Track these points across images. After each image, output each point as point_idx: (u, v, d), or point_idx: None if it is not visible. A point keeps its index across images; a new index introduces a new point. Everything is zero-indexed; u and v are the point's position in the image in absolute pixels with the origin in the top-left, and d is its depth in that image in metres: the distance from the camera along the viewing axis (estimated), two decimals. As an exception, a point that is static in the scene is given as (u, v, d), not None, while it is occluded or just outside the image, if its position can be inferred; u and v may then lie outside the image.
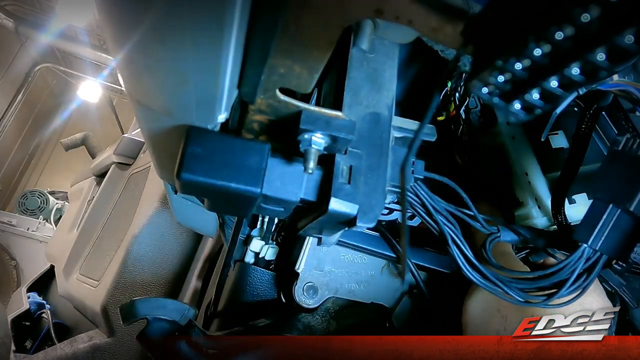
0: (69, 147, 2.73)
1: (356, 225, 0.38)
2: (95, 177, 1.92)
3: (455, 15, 0.27)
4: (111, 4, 0.25)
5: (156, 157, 0.47)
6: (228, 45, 0.27)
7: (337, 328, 0.60)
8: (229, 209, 0.47)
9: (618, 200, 0.45)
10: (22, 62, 4.20)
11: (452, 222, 0.50)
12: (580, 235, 0.46)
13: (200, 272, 1.03)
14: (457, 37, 0.27)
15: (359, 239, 0.60)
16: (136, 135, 1.62)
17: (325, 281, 0.60)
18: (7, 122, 4.23)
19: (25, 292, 1.60)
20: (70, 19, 3.68)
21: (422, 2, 0.27)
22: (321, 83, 0.47)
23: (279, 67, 0.33)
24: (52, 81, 5.07)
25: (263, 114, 0.37)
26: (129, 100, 0.35)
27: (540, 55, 0.23)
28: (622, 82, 0.44)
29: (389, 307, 0.62)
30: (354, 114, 0.41)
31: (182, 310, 0.48)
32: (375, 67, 0.44)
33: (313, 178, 0.39)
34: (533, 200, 0.57)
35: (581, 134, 0.48)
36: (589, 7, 0.20)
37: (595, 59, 0.22)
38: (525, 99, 0.24)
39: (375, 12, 0.28)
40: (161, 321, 0.47)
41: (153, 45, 0.26)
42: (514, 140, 0.59)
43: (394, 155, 0.42)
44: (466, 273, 0.48)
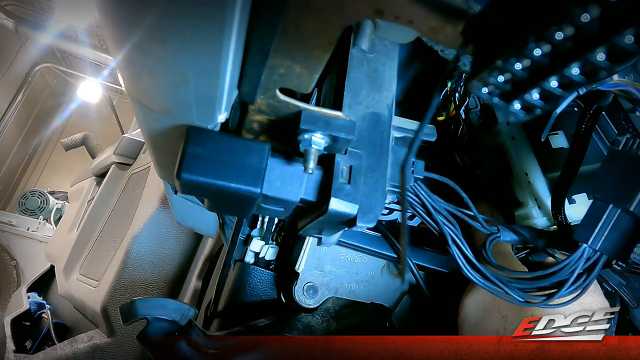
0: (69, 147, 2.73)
1: (356, 225, 0.38)
2: (95, 177, 1.92)
3: (455, 15, 0.27)
4: (111, 4, 0.25)
5: (156, 157, 0.47)
6: (228, 45, 0.27)
7: (337, 328, 0.60)
8: (229, 209, 0.47)
9: (618, 200, 0.45)
10: (22, 62, 4.20)
11: (452, 222, 0.50)
12: (580, 235, 0.46)
13: (200, 272, 1.03)
14: (457, 37, 0.27)
15: (359, 239, 0.60)
16: (136, 135, 1.62)
17: (325, 281, 0.60)
18: (7, 122, 4.23)
19: (25, 292, 1.60)
20: (70, 19, 3.68)
21: (422, 2, 0.27)
22: (321, 83, 0.47)
23: (279, 67, 0.33)
24: (52, 81, 5.08)
25: (263, 114, 0.37)
26: (129, 100, 0.35)
27: (540, 55, 0.23)
28: (622, 82, 0.44)
29: (389, 307, 0.62)
30: (354, 114, 0.41)
31: (182, 310, 0.48)
32: (375, 67, 0.44)
33: (313, 178, 0.39)
34: (533, 200, 0.57)
35: (581, 134, 0.48)
36: (588, 7, 0.20)
37: (595, 59, 0.22)
38: (525, 99, 0.24)
39: (375, 12, 0.28)
40: (161, 321, 0.47)
41: (153, 45, 0.26)
42: (514, 140, 0.59)
43: (394, 155, 0.42)
44: (466, 273, 0.48)
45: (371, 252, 0.61)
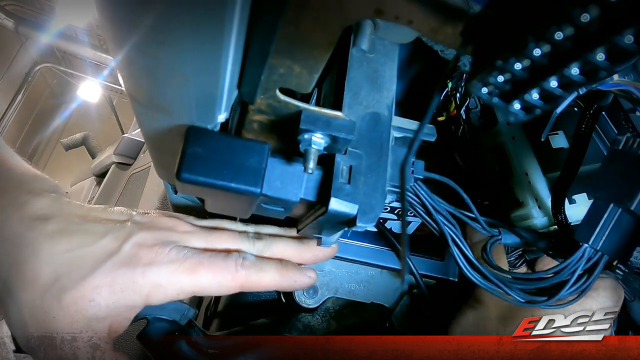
0: (69, 147, 2.73)
1: (356, 225, 0.38)
2: (95, 177, 1.92)
3: (455, 15, 0.27)
4: (111, 4, 0.25)
5: (156, 157, 0.47)
6: (228, 45, 0.27)
7: (337, 328, 0.60)
8: (229, 209, 0.47)
9: (619, 200, 0.45)
10: (22, 62, 4.20)
11: (452, 223, 0.50)
12: (581, 235, 0.46)
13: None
14: (457, 37, 0.27)
15: (354, 253, 0.61)
16: (136, 135, 1.62)
17: (325, 281, 0.60)
18: (7, 122, 4.23)
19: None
20: (70, 19, 3.68)
21: (422, 2, 0.27)
22: (321, 83, 0.47)
23: (279, 67, 0.33)
24: (52, 81, 5.08)
25: (263, 114, 0.37)
26: (129, 100, 0.35)
27: (540, 55, 0.23)
28: (622, 82, 0.44)
29: (389, 307, 0.62)
30: (354, 114, 0.41)
31: (182, 310, 0.48)
32: (375, 67, 0.44)
33: (313, 178, 0.39)
34: (533, 200, 0.57)
35: (581, 134, 0.48)
36: (588, 7, 0.20)
37: (595, 59, 0.22)
38: (524, 99, 0.24)
39: (375, 12, 0.28)
40: (161, 321, 0.47)
41: (153, 45, 0.26)
42: (514, 140, 0.59)
43: (394, 155, 0.42)
44: (467, 273, 0.48)
45: (369, 265, 0.62)
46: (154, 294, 0.42)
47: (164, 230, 0.45)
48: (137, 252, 0.42)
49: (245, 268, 0.45)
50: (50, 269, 0.39)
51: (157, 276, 0.42)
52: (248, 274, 0.45)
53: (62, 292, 0.39)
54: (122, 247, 0.42)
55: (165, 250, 0.43)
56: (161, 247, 0.43)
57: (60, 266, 0.40)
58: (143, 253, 0.42)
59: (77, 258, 0.40)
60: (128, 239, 0.43)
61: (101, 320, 0.41)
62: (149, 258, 0.42)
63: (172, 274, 0.42)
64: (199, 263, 0.43)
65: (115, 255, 0.41)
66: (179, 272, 0.43)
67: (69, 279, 0.40)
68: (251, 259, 0.46)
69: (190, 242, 0.46)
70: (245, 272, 0.45)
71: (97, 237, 0.42)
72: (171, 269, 0.42)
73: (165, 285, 0.42)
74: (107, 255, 0.41)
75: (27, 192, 0.42)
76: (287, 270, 0.48)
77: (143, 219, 0.46)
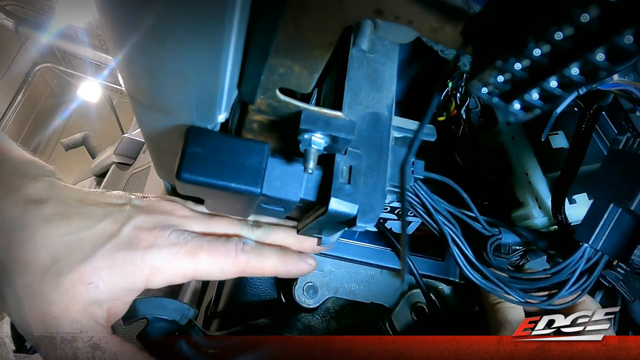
0: (69, 147, 2.73)
1: (356, 225, 0.38)
2: (95, 177, 1.91)
3: (455, 15, 0.27)
4: (111, 5, 0.25)
5: (156, 157, 0.47)
6: (228, 45, 0.27)
7: (337, 328, 0.60)
8: (229, 209, 0.47)
9: (619, 200, 0.45)
10: (22, 62, 4.20)
11: (452, 223, 0.50)
12: (581, 235, 0.46)
13: (200, 272, 1.03)
14: (457, 37, 0.27)
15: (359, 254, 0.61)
16: (136, 135, 1.62)
17: (325, 281, 0.60)
18: (7, 122, 4.23)
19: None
20: (70, 19, 3.68)
21: (422, 2, 0.27)
22: (321, 83, 0.47)
23: (279, 67, 0.33)
24: (52, 81, 5.07)
25: (263, 114, 0.37)
26: (129, 100, 0.35)
27: (540, 55, 0.23)
28: (622, 82, 0.44)
29: (389, 307, 0.62)
30: (354, 114, 0.41)
31: (182, 310, 0.48)
32: (375, 67, 0.44)
33: (313, 178, 0.39)
34: (533, 200, 0.57)
35: (581, 134, 0.48)
36: (588, 7, 0.20)
37: (595, 59, 0.22)
38: (524, 99, 0.24)
39: (375, 12, 0.28)
40: (161, 321, 0.47)
41: (153, 45, 0.26)
42: (514, 140, 0.59)
43: (393, 155, 0.42)
44: (467, 273, 0.48)
45: (369, 265, 0.62)
46: (154, 277, 0.42)
47: (163, 213, 0.45)
48: (137, 235, 0.42)
49: (246, 253, 0.45)
50: (47, 251, 0.39)
51: (157, 259, 0.41)
52: (249, 258, 0.45)
53: (60, 275, 0.39)
54: (122, 230, 0.41)
55: (166, 233, 0.43)
56: (161, 230, 0.43)
57: (58, 249, 0.39)
58: (143, 236, 0.42)
59: (76, 241, 0.40)
60: (127, 222, 0.42)
61: (100, 305, 0.41)
62: (148, 241, 0.42)
63: (173, 257, 0.42)
64: (199, 246, 0.43)
65: (114, 238, 0.41)
66: (179, 255, 0.42)
67: (67, 261, 0.39)
68: (251, 244, 0.46)
69: (190, 226, 0.45)
70: (246, 256, 0.45)
71: (96, 220, 0.41)
72: (171, 251, 0.42)
73: (165, 269, 0.42)
74: (107, 237, 0.41)
75: (22, 176, 0.42)
76: (287, 256, 0.47)
77: (142, 203, 0.45)
